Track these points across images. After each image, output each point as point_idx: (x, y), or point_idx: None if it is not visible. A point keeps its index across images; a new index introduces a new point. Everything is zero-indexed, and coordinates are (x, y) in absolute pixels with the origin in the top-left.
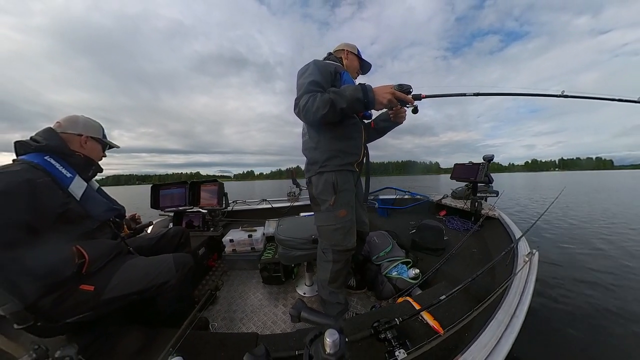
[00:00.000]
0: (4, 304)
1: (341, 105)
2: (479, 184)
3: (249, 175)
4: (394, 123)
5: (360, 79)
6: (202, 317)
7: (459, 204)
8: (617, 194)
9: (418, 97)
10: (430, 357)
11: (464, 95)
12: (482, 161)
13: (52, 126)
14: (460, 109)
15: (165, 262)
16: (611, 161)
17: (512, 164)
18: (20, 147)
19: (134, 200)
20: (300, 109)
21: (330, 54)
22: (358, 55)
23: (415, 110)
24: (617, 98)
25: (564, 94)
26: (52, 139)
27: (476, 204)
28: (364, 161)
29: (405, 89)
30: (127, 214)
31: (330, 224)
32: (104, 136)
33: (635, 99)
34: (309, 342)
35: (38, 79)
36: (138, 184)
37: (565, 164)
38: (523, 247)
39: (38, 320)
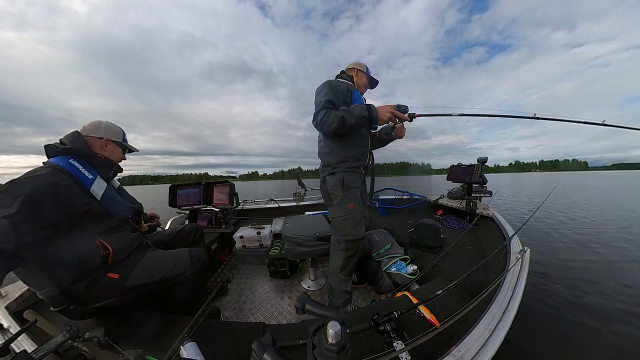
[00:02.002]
0: (42, 289)
1: (350, 121)
2: (473, 185)
3: (253, 176)
4: (394, 137)
5: (367, 93)
6: (214, 307)
7: (455, 203)
8: (597, 193)
9: (413, 116)
10: (427, 348)
11: (450, 115)
12: (477, 163)
13: (79, 129)
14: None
15: (181, 255)
16: (586, 163)
17: (498, 165)
18: (49, 150)
19: (149, 199)
20: (317, 122)
21: (342, 72)
22: (367, 73)
23: (411, 119)
24: (582, 121)
25: (536, 116)
26: (77, 142)
27: (471, 203)
28: (369, 165)
29: (402, 109)
30: (145, 213)
31: (341, 215)
32: (125, 140)
33: (599, 122)
34: (313, 332)
35: (61, 87)
36: (151, 184)
37: (546, 166)
38: (515, 245)
39: (71, 304)
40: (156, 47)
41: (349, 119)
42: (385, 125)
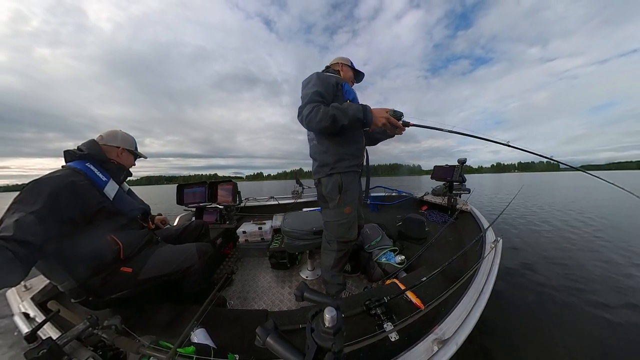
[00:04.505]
0: (63, 282)
1: (343, 122)
2: (454, 183)
3: (258, 177)
4: (387, 135)
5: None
6: (220, 296)
7: (438, 200)
8: (566, 191)
9: (407, 124)
10: (413, 328)
11: (441, 130)
12: (457, 163)
13: (95, 138)
14: (439, 119)
15: (189, 250)
16: (557, 164)
17: (481, 166)
18: (67, 155)
19: (162, 198)
20: (303, 117)
21: (328, 67)
22: (352, 67)
23: (405, 126)
24: (542, 155)
25: (508, 143)
26: (93, 148)
27: (452, 200)
28: (365, 163)
29: (398, 115)
30: (157, 212)
31: (336, 220)
32: (136, 148)
33: (557, 161)
34: (311, 317)
35: (87, 97)
36: (166, 184)
37: (523, 167)
38: (490, 236)
39: (89, 296)
40: (171, 60)
41: (342, 119)
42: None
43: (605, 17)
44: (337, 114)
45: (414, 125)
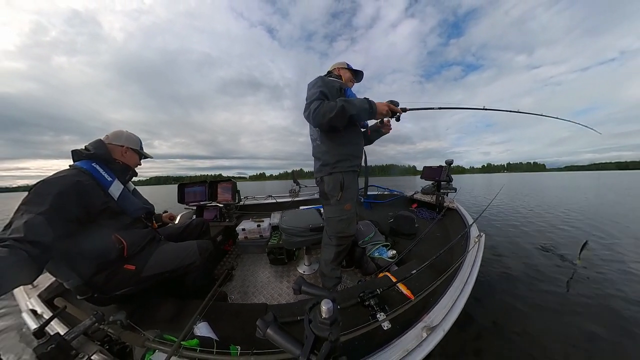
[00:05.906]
0: (68, 280)
1: (352, 112)
2: (442, 182)
3: (261, 177)
4: (382, 133)
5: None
6: (221, 291)
7: (427, 198)
8: (548, 190)
9: (404, 110)
10: (404, 317)
11: (432, 109)
12: (445, 164)
13: (102, 138)
14: (433, 122)
15: (190, 247)
16: (544, 165)
17: (472, 167)
18: (75, 155)
19: (169, 197)
20: (310, 112)
21: (330, 72)
22: (348, 68)
23: (397, 119)
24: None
25: (485, 107)
26: (100, 148)
27: (440, 198)
28: (363, 163)
29: (395, 103)
30: (162, 210)
31: (336, 216)
32: (141, 148)
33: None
34: (309, 309)
35: (100, 101)
36: (174, 184)
37: (512, 167)
38: (474, 231)
39: (95, 292)
40: (178, 66)
41: (350, 109)
42: (375, 121)
43: (586, 27)
44: (346, 105)
45: (410, 109)
